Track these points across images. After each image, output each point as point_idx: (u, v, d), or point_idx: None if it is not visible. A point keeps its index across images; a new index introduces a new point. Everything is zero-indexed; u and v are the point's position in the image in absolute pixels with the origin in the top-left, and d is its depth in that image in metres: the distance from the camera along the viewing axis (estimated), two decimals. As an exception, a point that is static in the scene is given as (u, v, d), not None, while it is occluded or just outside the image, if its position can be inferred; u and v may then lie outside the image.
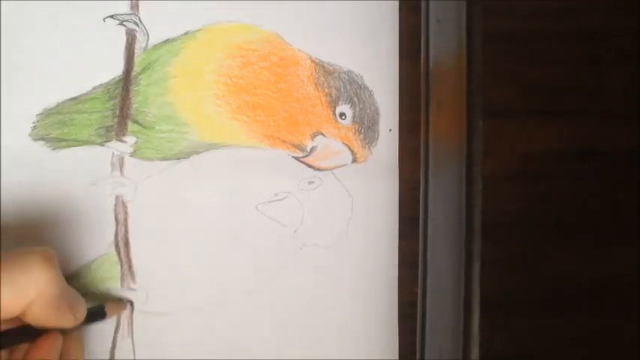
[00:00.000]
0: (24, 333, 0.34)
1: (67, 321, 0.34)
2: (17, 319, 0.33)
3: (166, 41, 0.40)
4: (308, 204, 0.41)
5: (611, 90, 0.41)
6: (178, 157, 0.40)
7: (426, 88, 0.40)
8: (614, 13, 0.41)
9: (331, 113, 0.41)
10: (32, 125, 0.39)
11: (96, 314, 0.37)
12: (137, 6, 0.40)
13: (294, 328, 0.41)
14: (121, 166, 0.40)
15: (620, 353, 0.41)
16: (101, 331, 0.40)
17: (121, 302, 0.40)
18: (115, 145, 0.40)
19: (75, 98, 0.39)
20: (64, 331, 0.35)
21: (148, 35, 0.40)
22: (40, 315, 0.33)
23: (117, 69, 0.40)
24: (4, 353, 0.34)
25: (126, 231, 0.40)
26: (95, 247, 0.40)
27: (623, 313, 0.41)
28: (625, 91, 0.41)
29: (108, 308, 0.38)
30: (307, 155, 0.41)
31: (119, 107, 0.40)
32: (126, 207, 0.40)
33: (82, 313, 0.35)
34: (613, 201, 0.41)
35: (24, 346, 0.34)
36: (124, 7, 0.40)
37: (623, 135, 0.41)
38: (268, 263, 0.41)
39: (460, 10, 0.39)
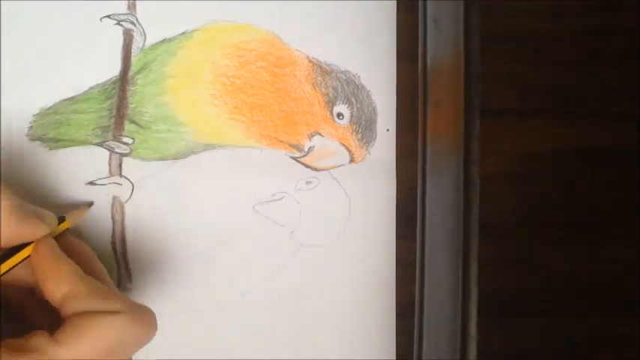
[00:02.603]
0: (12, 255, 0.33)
1: (39, 229, 0.34)
2: None
3: (163, 41, 0.40)
4: (305, 204, 0.41)
5: (609, 90, 0.41)
6: (175, 157, 0.40)
7: (423, 88, 0.40)
8: (612, 14, 0.41)
9: (329, 113, 0.41)
10: (29, 125, 0.39)
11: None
12: (134, 6, 0.40)
13: (292, 328, 0.41)
14: (118, 167, 0.40)
15: (618, 353, 0.41)
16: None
17: (81, 209, 0.39)
18: (111, 146, 0.40)
19: (72, 98, 0.39)
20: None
21: (145, 35, 0.40)
22: (8, 230, 0.32)
23: (114, 69, 0.40)
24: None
25: (122, 231, 0.40)
26: (92, 247, 0.39)
27: (622, 313, 0.41)
28: (623, 91, 0.41)
29: (68, 217, 0.37)
30: (305, 155, 0.41)
31: (116, 107, 0.40)
32: (123, 207, 0.40)
33: (53, 220, 0.35)
34: (611, 201, 0.41)
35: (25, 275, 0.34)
36: (121, 7, 0.39)
37: (621, 135, 0.41)
38: (265, 263, 0.41)
39: (458, 10, 0.39)
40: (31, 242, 0.34)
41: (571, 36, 0.40)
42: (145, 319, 0.33)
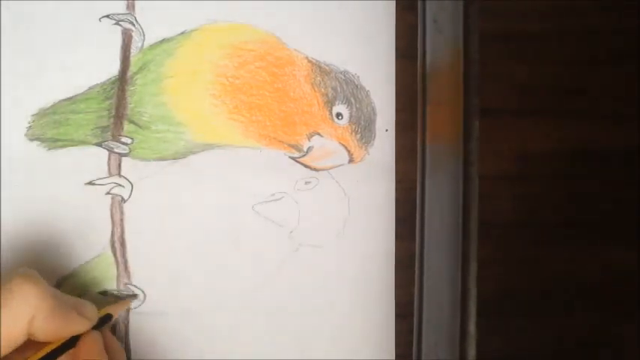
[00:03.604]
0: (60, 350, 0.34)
1: (80, 325, 0.34)
2: (32, 343, 0.33)
3: (162, 41, 0.40)
4: (304, 204, 0.41)
5: (608, 90, 0.40)
6: (175, 157, 0.40)
7: (422, 88, 0.40)
8: (611, 14, 0.41)
9: (328, 113, 0.41)
10: (27, 125, 0.39)
11: (103, 320, 0.37)
12: (133, 6, 0.40)
13: (291, 328, 0.41)
14: (117, 167, 0.40)
15: (618, 354, 0.41)
16: (97, 331, 0.40)
17: (125, 300, 0.40)
18: (111, 145, 0.40)
19: (70, 98, 0.39)
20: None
21: (144, 35, 0.40)
22: (48, 329, 0.33)
23: (113, 69, 0.40)
24: None
25: (122, 231, 0.40)
26: (91, 247, 0.40)
27: (622, 313, 0.41)
28: (622, 91, 0.41)
29: (112, 311, 0.38)
30: (304, 155, 0.41)
31: (115, 107, 0.40)
32: (122, 207, 0.40)
33: (93, 313, 0.35)
34: (610, 201, 0.41)
35: None
36: (119, 7, 0.40)
37: (620, 135, 0.41)
38: (265, 264, 0.41)
39: (457, 10, 0.39)
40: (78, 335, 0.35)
41: (569, 36, 0.40)
42: None
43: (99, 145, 0.40)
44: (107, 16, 0.39)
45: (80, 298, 0.36)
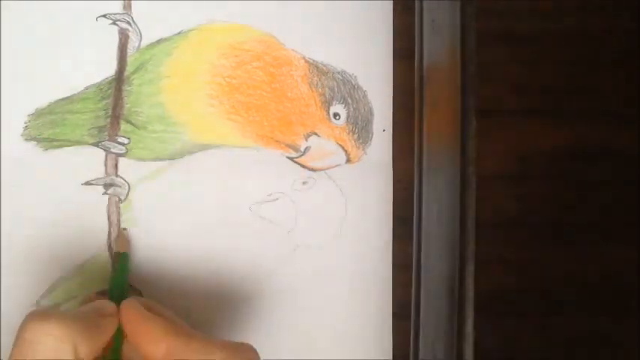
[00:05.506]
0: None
1: (110, 325, 0.33)
2: None
3: (159, 41, 0.40)
4: (302, 204, 0.41)
5: (606, 90, 0.40)
6: (172, 157, 0.40)
7: (419, 88, 0.40)
8: (609, 14, 0.41)
9: (325, 113, 0.41)
10: (24, 125, 0.39)
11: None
12: (130, 6, 0.40)
13: (288, 328, 0.41)
14: (114, 167, 0.40)
15: (618, 353, 0.41)
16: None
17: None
18: (107, 146, 0.40)
19: (67, 98, 0.39)
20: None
21: (140, 35, 0.40)
22: (90, 350, 0.31)
23: (109, 69, 0.40)
24: None
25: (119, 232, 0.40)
26: (88, 248, 0.40)
27: (622, 313, 0.41)
28: (620, 91, 0.40)
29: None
30: (301, 155, 0.41)
31: (112, 107, 0.40)
32: (119, 208, 0.40)
33: (112, 308, 0.34)
34: (608, 201, 0.41)
35: None
36: (116, 7, 0.40)
37: (619, 135, 0.41)
38: (262, 264, 0.41)
39: (454, 10, 0.38)
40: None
41: (567, 36, 0.40)
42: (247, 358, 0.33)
43: (95, 145, 0.40)
44: (104, 16, 0.39)
45: (93, 302, 0.34)
